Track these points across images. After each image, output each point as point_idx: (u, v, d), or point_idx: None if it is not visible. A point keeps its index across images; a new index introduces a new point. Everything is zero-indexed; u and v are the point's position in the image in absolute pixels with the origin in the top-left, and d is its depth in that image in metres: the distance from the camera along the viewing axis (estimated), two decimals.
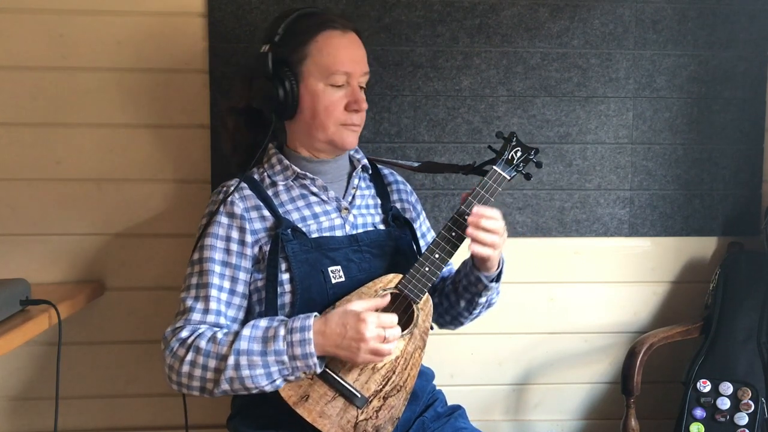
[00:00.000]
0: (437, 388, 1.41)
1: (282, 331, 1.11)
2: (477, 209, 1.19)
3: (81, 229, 1.64)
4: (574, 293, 1.79)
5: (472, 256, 1.25)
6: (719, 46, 1.76)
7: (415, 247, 1.33)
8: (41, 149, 1.61)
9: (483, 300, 1.32)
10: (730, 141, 1.78)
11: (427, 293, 1.21)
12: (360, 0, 1.64)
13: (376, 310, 1.15)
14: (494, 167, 1.25)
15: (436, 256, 1.21)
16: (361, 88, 1.28)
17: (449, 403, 1.40)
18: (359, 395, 1.15)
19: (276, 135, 1.32)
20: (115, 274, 1.66)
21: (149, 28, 1.61)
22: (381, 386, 1.17)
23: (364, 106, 1.26)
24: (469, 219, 1.19)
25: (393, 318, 1.13)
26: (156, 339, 1.65)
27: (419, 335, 1.21)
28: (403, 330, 1.18)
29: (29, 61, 1.59)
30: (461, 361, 1.76)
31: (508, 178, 1.26)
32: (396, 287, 1.21)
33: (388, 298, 1.18)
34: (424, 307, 1.22)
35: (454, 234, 1.21)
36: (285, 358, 1.10)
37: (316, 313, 1.15)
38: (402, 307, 1.21)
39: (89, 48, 1.60)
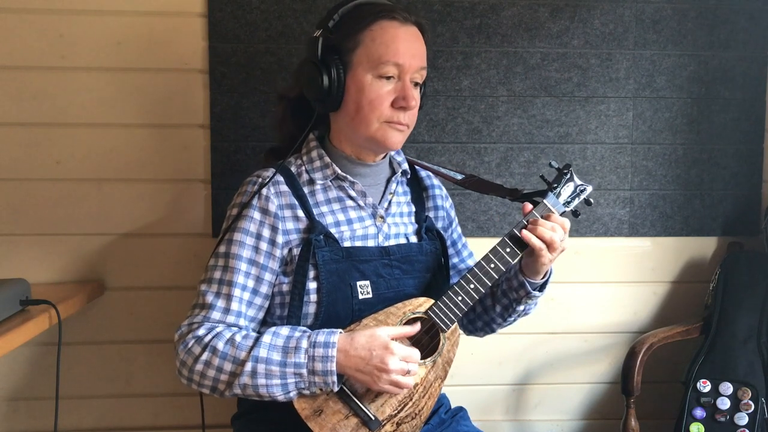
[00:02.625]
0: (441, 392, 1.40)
1: (304, 344, 1.08)
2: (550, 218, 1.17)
3: (81, 229, 1.64)
4: (574, 293, 1.79)
5: (522, 260, 1.21)
6: (719, 46, 1.76)
7: (444, 260, 1.30)
8: (41, 149, 1.61)
9: (521, 308, 1.28)
10: (730, 141, 1.78)
11: (456, 323, 1.19)
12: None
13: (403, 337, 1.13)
14: (544, 201, 1.20)
15: (472, 286, 1.17)
16: (416, 84, 1.20)
17: (451, 404, 1.40)
18: (373, 418, 1.13)
19: (318, 126, 1.26)
20: (115, 274, 1.66)
21: (149, 28, 1.61)
22: (396, 411, 1.15)
23: (413, 104, 1.17)
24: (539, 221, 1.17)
25: (417, 353, 1.12)
26: (156, 339, 1.67)
27: (442, 365, 1.19)
28: (426, 357, 1.17)
29: (29, 61, 1.59)
30: (461, 361, 1.76)
31: (557, 214, 1.20)
32: (425, 312, 1.18)
33: (417, 327, 1.15)
34: (451, 336, 1.19)
35: (493, 266, 1.17)
36: (304, 371, 1.08)
37: (341, 330, 1.12)
38: (429, 334, 1.19)
39: (89, 48, 1.60)
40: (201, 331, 1.12)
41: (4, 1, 1.56)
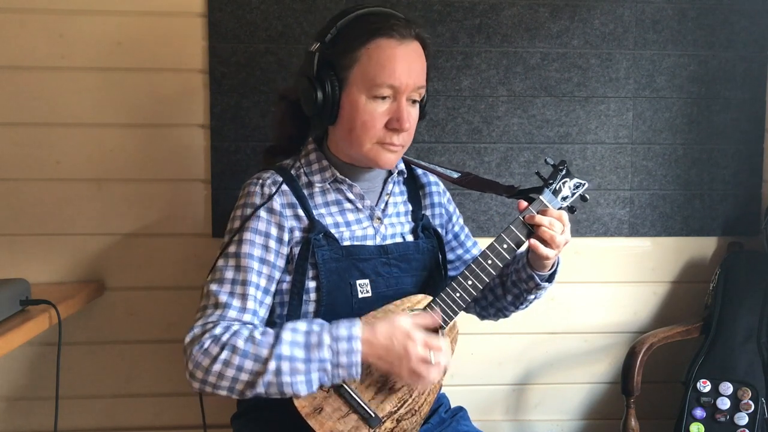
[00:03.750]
0: (441, 391, 1.39)
1: (327, 339, 1.06)
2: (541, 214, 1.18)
3: (81, 229, 1.64)
4: (574, 293, 1.79)
5: (528, 253, 1.23)
6: (719, 46, 1.76)
7: (441, 257, 1.30)
8: (41, 149, 1.61)
9: (532, 297, 1.30)
10: (730, 141, 1.78)
11: (455, 320, 1.19)
12: (360, 0, 1.64)
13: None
14: (540, 197, 1.20)
15: (469, 283, 1.18)
16: (414, 101, 1.18)
17: (451, 403, 1.40)
18: (373, 415, 1.13)
19: (315, 131, 1.25)
20: (115, 274, 1.66)
21: (149, 28, 1.61)
22: (396, 408, 1.15)
23: (407, 126, 1.15)
24: (538, 215, 1.18)
25: (442, 342, 1.09)
26: (156, 339, 1.67)
27: None
28: None
29: (29, 61, 1.59)
30: (461, 361, 1.76)
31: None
32: (424, 309, 1.18)
33: (439, 318, 1.14)
34: (450, 333, 1.20)
35: (490, 262, 1.18)
36: (328, 366, 1.06)
37: (358, 319, 1.10)
38: (428, 331, 1.19)
39: (89, 48, 1.60)
40: (218, 330, 1.08)
41: (4, 1, 1.57)
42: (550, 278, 1.27)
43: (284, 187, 1.19)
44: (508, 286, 1.31)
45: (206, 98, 1.63)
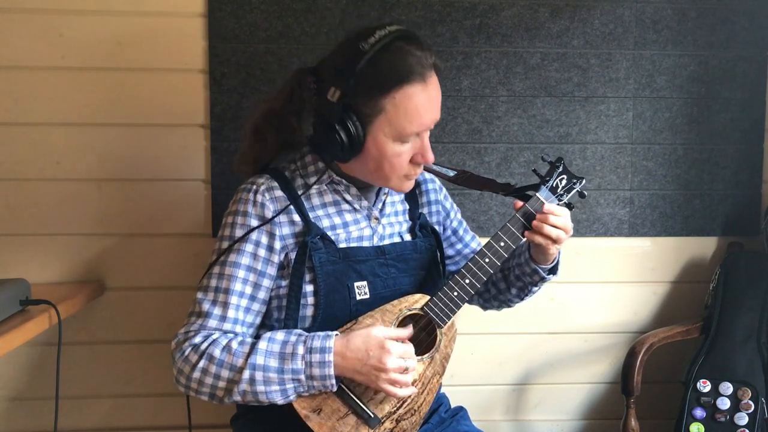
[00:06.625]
0: (441, 391, 1.40)
1: (301, 350, 1.08)
2: (548, 207, 1.18)
3: (81, 229, 1.64)
4: (574, 293, 1.79)
5: (531, 248, 1.24)
6: (719, 46, 1.76)
7: (439, 255, 1.31)
8: (41, 149, 1.61)
9: (536, 288, 1.32)
10: (730, 141, 1.78)
11: (453, 318, 1.19)
12: (360, 0, 1.64)
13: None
14: (537, 194, 1.21)
15: (467, 281, 1.18)
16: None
17: (451, 403, 1.40)
18: (372, 415, 1.13)
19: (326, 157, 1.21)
20: (115, 274, 1.66)
21: (149, 28, 1.61)
22: (395, 408, 1.16)
23: (431, 158, 1.17)
24: (539, 216, 1.18)
25: (411, 348, 1.12)
26: (156, 339, 1.67)
27: (439, 361, 1.20)
28: (423, 353, 1.17)
29: (29, 61, 1.59)
30: (461, 361, 1.76)
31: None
32: (422, 308, 1.18)
33: (411, 331, 1.15)
34: (448, 332, 1.20)
35: (487, 260, 1.19)
36: (302, 377, 1.08)
37: (336, 332, 1.12)
38: (425, 330, 1.19)
39: (89, 48, 1.60)
40: (197, 339, 1.12)
41: (4, 1, 1.56)
42: (552, 270, 1.28)
43: (278, 192, 1.19)
44: (512, 280, 1.32)
45: (206, 98, 1.63)
